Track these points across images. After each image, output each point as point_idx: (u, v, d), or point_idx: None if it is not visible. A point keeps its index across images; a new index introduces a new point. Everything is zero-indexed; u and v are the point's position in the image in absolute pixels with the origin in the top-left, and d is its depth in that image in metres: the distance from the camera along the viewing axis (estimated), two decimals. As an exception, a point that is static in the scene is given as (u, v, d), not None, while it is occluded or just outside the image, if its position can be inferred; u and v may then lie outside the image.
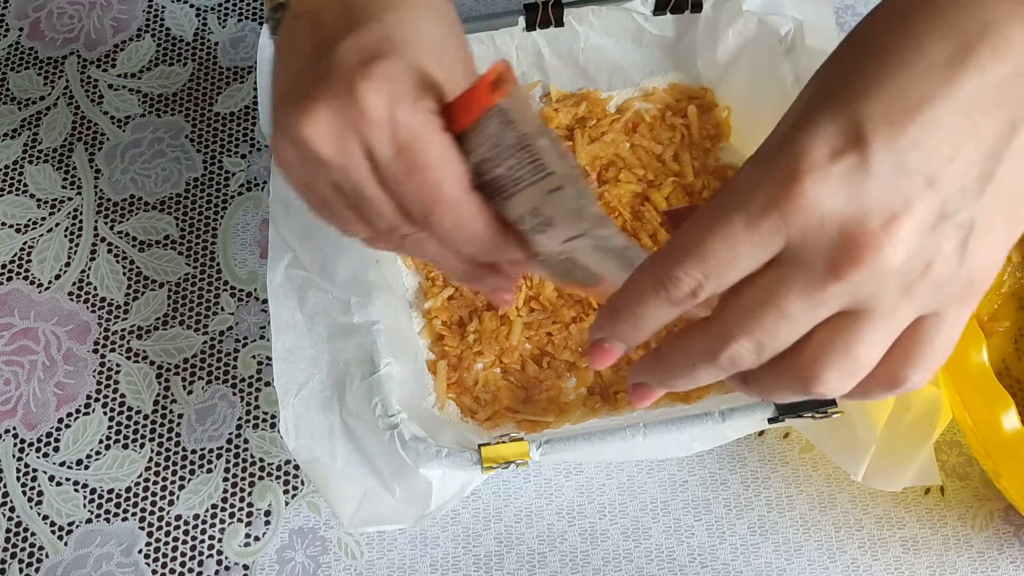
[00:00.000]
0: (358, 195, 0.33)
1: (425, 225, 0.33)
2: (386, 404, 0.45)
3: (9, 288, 0.59)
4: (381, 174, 0.32)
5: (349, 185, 0.33)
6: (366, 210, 0.34)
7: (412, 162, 0.31)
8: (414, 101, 0.31)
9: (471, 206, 0.33)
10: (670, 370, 0.31)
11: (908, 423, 0.46)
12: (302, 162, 0.33)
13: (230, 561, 0.52)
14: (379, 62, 0.31)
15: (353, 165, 0.32)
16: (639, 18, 0.59)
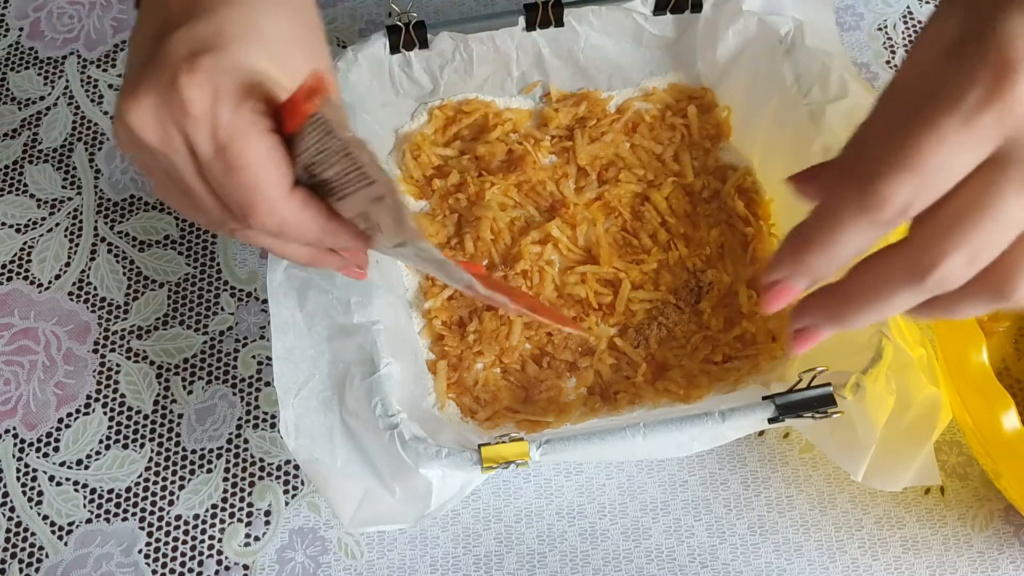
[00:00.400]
0: (185, 187, 0.33)
1: (246, 224, 0.33)
2: (386, 404, 0.45)
3: (9, 288, 0.59)
4: (204, 171, 0.32)
5: (177, 176, 0.33)
6: (193, 202, 0.34)
7: (230, 162, 0.31)
8: (238, 100, 0.31)
9: (290, 207, 0.32)
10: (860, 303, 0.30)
11: (908, 423, 0.46)
12: (134, 145, 0.33)
13: (230, 561, 0.52)
14: (206, 57, 0.31)
15: (176, 157, 0.32)
16: (639, 18, 0.59)
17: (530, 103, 0.62)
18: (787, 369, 0.52)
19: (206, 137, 0.31)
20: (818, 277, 0.30)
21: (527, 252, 0.57)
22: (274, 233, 0.33)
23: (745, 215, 0.58)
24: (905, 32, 0.67)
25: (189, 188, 0.33)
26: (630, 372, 0.54)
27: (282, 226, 0.33)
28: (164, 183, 0.34)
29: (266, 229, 0.33)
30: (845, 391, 0.44)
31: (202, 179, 0.33)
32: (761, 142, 0.58)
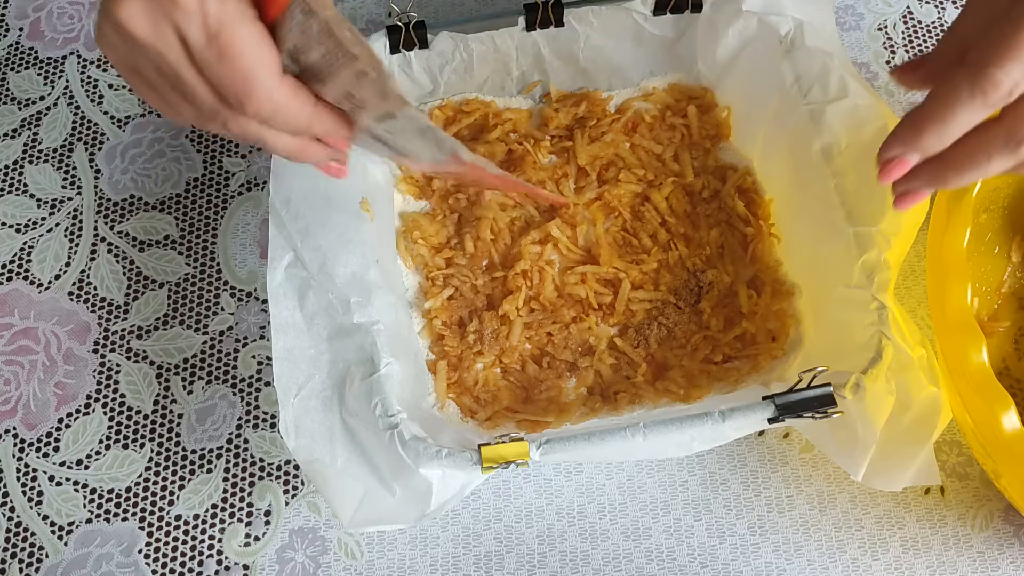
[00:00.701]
0: (176, 80, 0.34)
1: (242, 111, 0.34)
2: (386, 404, 0.45)
3: (9, 288, 0.59)
4: (196, 61, 0.33)
5: (168, 69, 0.34)
6: (185, 95, 0.35)
7: (222, 50, 0.33)
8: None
9: (284, 91, 0.34)
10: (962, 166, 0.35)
11: (908, 423, 0.46)
12: (122, 45, 0.34)
13: (230, 561, 0.52)
14: None
15: (168, 49, 0.33)
16: (639, 18, 0.59)
17: (530, 103, 0.62)
18: (787, 369, 0.52)
19: (197, 27, 0.32)
20: (929, 152, 0.36)
21: (527, 252, 0.57)
22: (266, 119, 0.35)
23: (745, 215, 0.58)
24: (905, 32, 0.67)
25: (181, 80, 0.34)
26: (630, 372, 0.54)
27: (275, 111, 0.34)
28: (153, 80, 0.35)
29: (260, 115, 0.34)
30: (845, 391, 0.44)
31: (195, 69, 0.34)
32: (761, 142, 0.58)
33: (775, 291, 0.55)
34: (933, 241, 0.48)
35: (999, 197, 0.56)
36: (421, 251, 0.57)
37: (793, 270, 0.56)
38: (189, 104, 0.35)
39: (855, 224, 0.50)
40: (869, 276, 0.48)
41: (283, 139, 0.37)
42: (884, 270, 0.48)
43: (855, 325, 0.48)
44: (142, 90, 0.36)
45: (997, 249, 0.57)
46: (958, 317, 0.45)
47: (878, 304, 0.47)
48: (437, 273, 0.57)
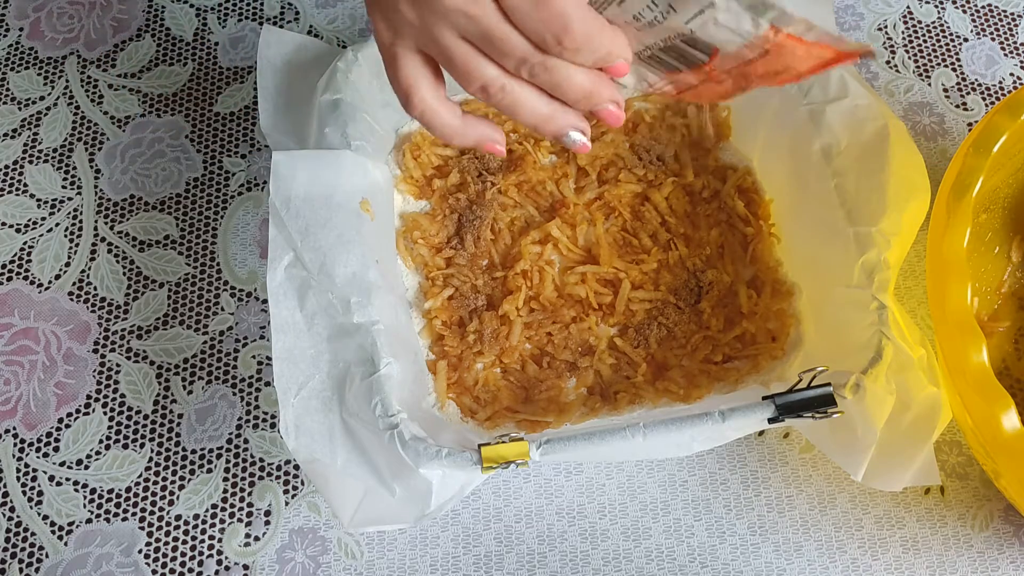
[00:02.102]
0: (487, 36, 0.36)
1: (558, 50, 0.36)
2: (386, 404, 0.45)
3: (9, 288, 0.59)
4: (509, 12, 0.35)
5: (477, 29, 0.35)
6: (495, 49, 0.36)
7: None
8: None
9: (593, 19, 0.36)
10: None
11: (908, 423, 0.46)
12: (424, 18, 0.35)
13: (230, 561, 0.52)
14: None
15: (481, 9, 0.35)
16: (639, 18, 0.59)
17: (530, 103, 0.62)
18: (787, 369, 0.52)
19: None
20: None
21: (527, 252, 0.57)
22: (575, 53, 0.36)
23: (745, 215, 0.58)
24: (905, 32, 0.67)
25: (492, 36, 0.35)
26: (630, 372, 0.54)
27: (589, 40, 0.36)
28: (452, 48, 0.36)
29: (574, 47, 0.35)
30: (845, 391, 0.44)
31: (507, 21, 0.35)
32: (761, 142, 0.58)
33: (775, 291, 0.55)
34: (933, 241, 0.48)
35: (999, 197, 0.56)
36: (421, 251, 0.57)
37: (793, 270, 0.56)
38: (491, 61, 0.37)
39: (855, 224, 0.50)
40: (869, 276, 0.48)
41: (581, 75, 0.38)
42: (884, 270, 0.48)
43: (855, 325, 0.48)
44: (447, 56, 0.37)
45: (997, 249, 0.57)
46: (958, 317, 0.45)
47: (878, 304, 0.47)
48: (437, 273, 0.57)
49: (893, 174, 0.50)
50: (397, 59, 0.38)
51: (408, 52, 0.38)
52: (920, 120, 0.64)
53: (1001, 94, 0.65)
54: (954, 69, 0.65)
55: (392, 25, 0.37)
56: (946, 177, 0.50)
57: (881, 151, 0.51)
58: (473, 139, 0.41)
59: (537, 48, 0.36)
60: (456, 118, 0.40)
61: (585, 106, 0.39)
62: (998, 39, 0.67)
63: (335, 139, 0.54)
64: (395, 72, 0.39)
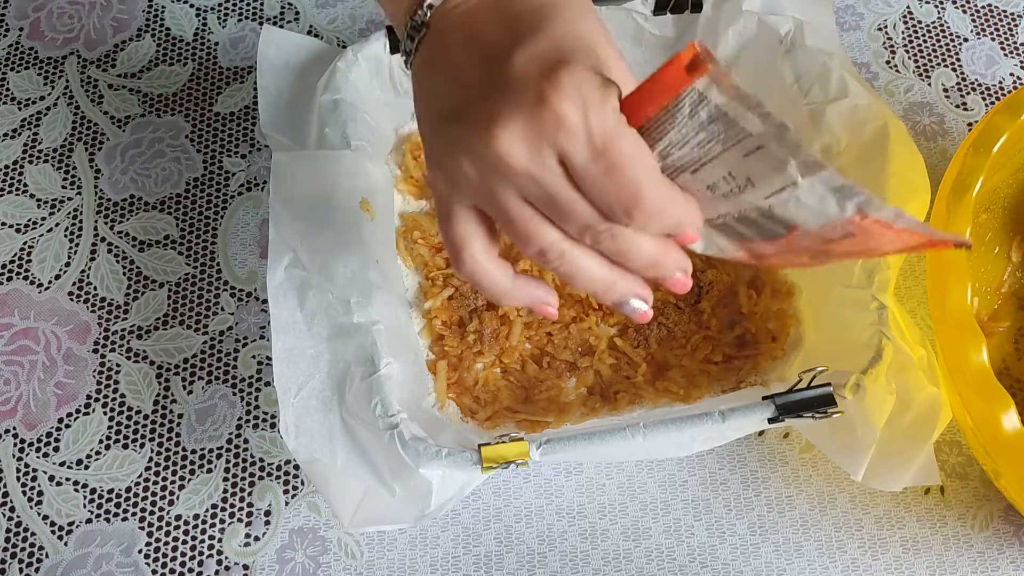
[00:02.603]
0: (551, 201, 0.33)
1: (628, 220, 0.33)
2: (386, 404, 0.45)
3: (9, 288, 0.59)
4: (578, 178, 0.33)
5: (541, 193, 0.33)
6: (559, 215, 0.34)
7: (610, 164, 0.32)
8: (602, 103, 0.32)
9: (666, 190, 0.33)
10: None
11: (908, 423, 0.46)
12: (484, 176, 0.33)
13: (230, 561, 0.52)
14: (563, 70, 0.31)
15: (546, 173, 0.32)
16: (639, 18, 0.59)
17: (530, 103, 0.62)
18: (787, 369, 0.52)
19: (583, 146, 0.32)
20: None
21: (527, 252, 0.57)
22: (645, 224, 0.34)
23: (745, 215, 0.57)
24: (905, 32, 0.67)
25: (556, 202, 0.33)
26: (630, 372, 0.54)
27: (660, 212, 0.33)
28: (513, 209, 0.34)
29: (646, 216, 0.33)
30: (845, 391, 0.44)
31: (574, 188, 0.33)
32: (761, 142, 0.58)
33: (775, 291, 0.55)
34: (933, 241, 0.48)
35: (999, 197, 0.56)
36: (421, 251, 0.57)
37: (793, 270, 0.56)
38: (553, 226, 0.35)
39: (855, 224, 0.50)
40: (869, 276, 0.48)
41: (647, 244, 0.35)
42: (884, 270, 0.48)
43: (855, 325, 0.48)
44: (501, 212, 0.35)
45: (997, 249, 0.57)
46: (958, 317, 0.45)
47: (878, 304, 0.47)
48: (437, 273, 0.57)
49: (893, 174, 0.50)
50: (452, 215, 0.36)
51: (464, 209, 0.36)
52: (920, 120, 0.64)
53: (1001, 94, 0.65)
54: (954, 69, 0.65)
55: (450, 179, 0.35)
56: (946, 177, 0.50)
57: (881, 151, 0.50)
58: (524, 301, 0.39)
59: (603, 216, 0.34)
60: (507, 278, 0.38)
61: (650, 274, 0.37)
62: (998, 39, 0.67)
63: (335, 139, 0.54)
64: (448, 228, 0.37)
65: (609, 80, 0.32)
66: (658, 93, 0.31)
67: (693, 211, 0.35)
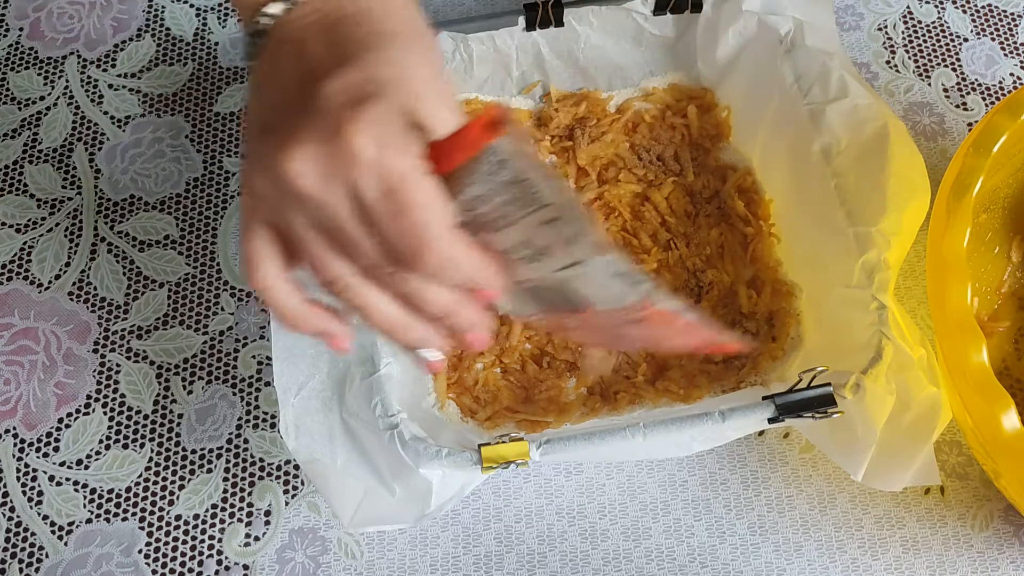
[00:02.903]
0: (339, 234, 0.33)
1: (412, 267, 0.33)
2: (386, 404, 0.45)
3: (9, 288, 0.59)
4: (366, 214, 0.32)
5: (330, 223, 0.32)
6: (346, 248, 0.33)
7: (399, 206, 0.31)
8: (402, 145, 0.31)
9: (458, 243, 0.32)
10: None
11: (908, 423, 0.46)
12: (278, 196, 0.33)
13: (230, 561, 0.52)
14: (368, 105, 0.31)
15: (336, 204, 0.32)
16: (639, 18, 0.59)
17: (530, 103, 0.62)
18: (787, 369, 0.52)
19: (374, 184, 0.31)
20: None
21: (527, 252, 0.57)
22: (434, 273, 0.33)
23: (745, 215, 0.58)
24: (905, 32, 0.67)
25: (346, 235, 0.33)
26: (630, 372, 0.54)
27: (450, 264, 0.32)
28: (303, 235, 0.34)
29: (432, 267, 0.32)
30: (845, 391, 0.44)
31: (363, 224, 0.32)
32: (761, 142, 0.58)
33: (775, 291, 0.55)
34: (933, 241, 0.48)
35: (999, 197, 0.56)
36: (421, 251, 0.57)
37: (793, 270, 0.56)
38: (343, 259, 0.34)
39: (855, 224, 0.50)
40: (869, 276, 0.48)
41: (441, 295, 0.35)
42: (884, 270, 0.48)
43: (855, 325, 0.48)
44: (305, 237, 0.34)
45: (997, 249, 0.57)
46: (958, 317, 0.45)
47: (878, 304, 0.47)
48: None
49: (893, 174, 0.50)
50: (249, 230, 0.35)
51: (261, 226, 0.35)
52: (920, 120, 0.64)
53: (1001, 94, 0.65)
54: (954, 69, 0.65)
55: (253, 193, 0.34)
56: (946, 177, 0.50)
57: (881, 151, 0.50)
58: (314, 329, 0.37)
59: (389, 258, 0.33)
60: (300, 304, 0.36)
61: (444, 326, 0.36)
62: (998, 39, 0.67)
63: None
64: (244, 242, 0.35)
65: (417, 123, 0.32)
66: (461, 145, 0.31)
67: (488, 270, 0.34)
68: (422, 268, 0.32)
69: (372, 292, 0.35)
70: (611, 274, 0.35)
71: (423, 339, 0.36)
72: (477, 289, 0.35)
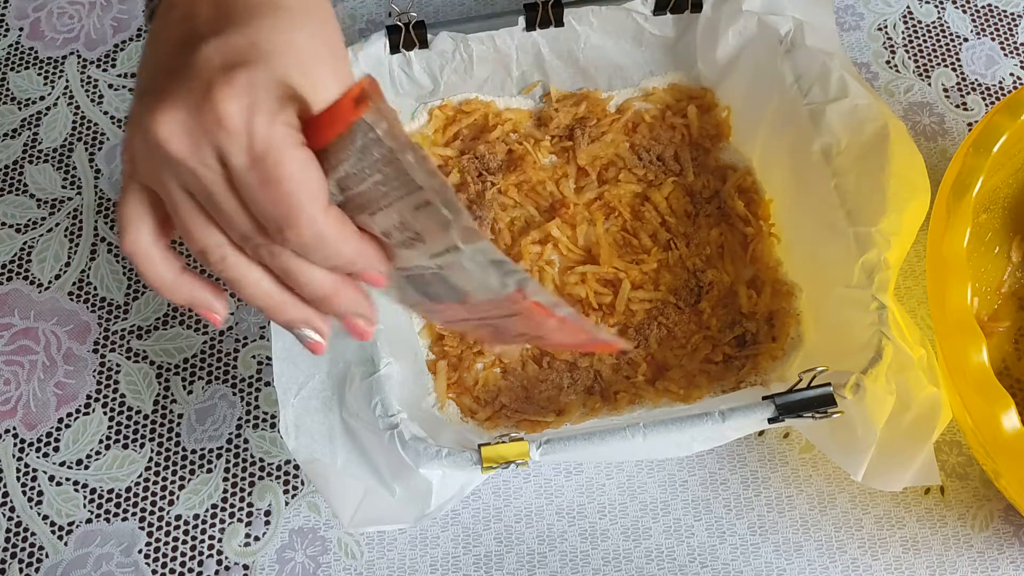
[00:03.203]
0: (209, 201, 0.32)
1: (281, 239, 0.32)
2: (386, 404, 0.45)
3: (9, 288, 0.59)
4: (235, 183, 0.31)
5: (200, 189, 0.32)
6: (218, 217, 0.33)
7: (267, 175, 0.30)
8: (273, 113, 0.30)
9: (330, 221, 0.32)
10: None
11: (908, 423, 0.46)
12: (151, 158, 0.32)
13: (230, 561, 0.52)
14: (241, 70, 0.30)
15: (205, 169, 0.31)
16: (639, 18, 0.59)
17: (530, 103, 0.62)
18: (787, 369, 0.52)
19: (241, 150, 0.30)
20: None
21: (527, 252, 0.57)
22: (304, 250, 0.32)
23: (745, 215, 0.58)
24: (905, 32, 0.67)
25: (216, 202, 0.32)
26: (630, 372, 0.54)
27: (317, 242, 0.32)
28: (178, 200, 0.33)
29: (299, 245, 0.32)
30: (845, 391, 0.44)
31: (232, 192, 0.32)
32: (761, 142, 0.58)
33: (775, 291, 0.55)
34: (933, 241, 0.48)
35: (999, 197, 0.56)
36: (421, 251, 0.57)
37: (793, 270, 0.56)
38: (216, 227, 0.33)
39: (855, 224, 0.50)
40: (869, 276, 0.48)
41: (316, 274, 0.34)
42: (884, 270, 0.48)
43: (855, 325, 0.48)
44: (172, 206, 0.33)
45: (997, 249, 0.57)
46: (958, 317, 0.45)
47: (878, 304, 0.47)
48: (437, 273, 0.56)
49: (893, 174, 0.50)
50: (125, 192, 0.34)
51: (137, 189, 0.34)
52: (920, 120, 0.64)
53: (1001, 94, 0.65)
54: (954, 69, 0.65)
55: (130, 155, 0.33)
56: (946, 177, 0.50)
57: (881, 151, 0.51)
58: (185, 299, 0.36)
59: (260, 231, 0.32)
60: (171, 272, 0.35)
61: (323, 309, 0.35)
62: (998, 39, 0.67)
63: (335, 139, 0.54)
64: (120, 205, 0.35)
65: (296, 95, 0.31)
66: (334, 119, 0.30)
67: (368, 252, 0.34)
68: (292, 242, 0.32)
69: (246, 265, 0.34)
70: (485, 262, 0.34)
71: (301, 319, 0.36)
72: (359, 273, 0.34)
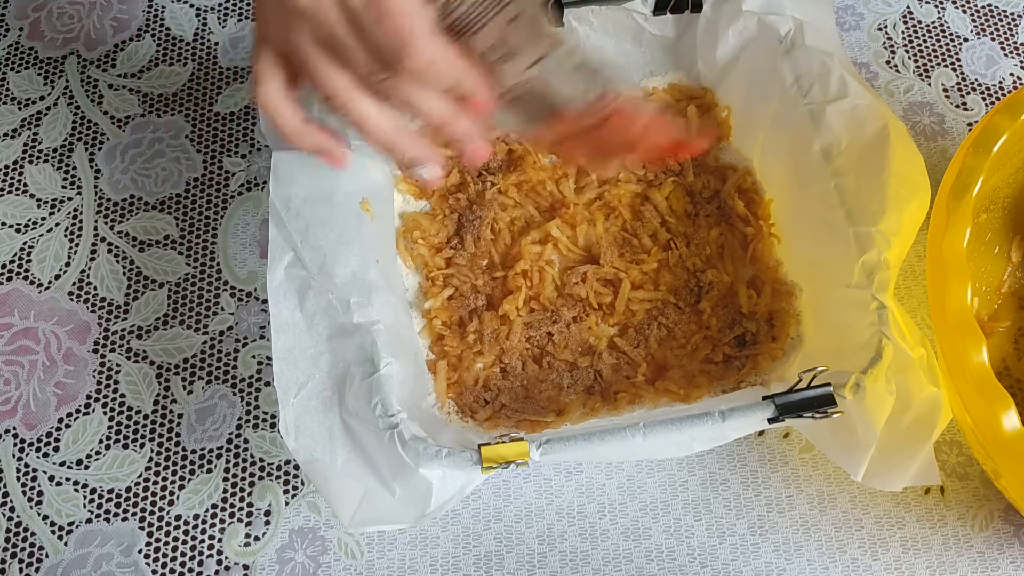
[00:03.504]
0: (334, 43, 0.36)
1: (399, 68, 0.36)
2: (386, 404, 0.45)
3: (9, 288, 0.59)
4: (354, 22, 0.35)
5: (326, 34, 0.36)
6: (341, 57, 0.36)
7: (381, 11, 0.34)
8: None
9: (439, 45, 0.35)
10: None
11: (908, 423, 0.46)
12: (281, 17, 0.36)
13: (230, 561, 0.52)
14: None
15: (327, 15, 0.35)
16: (639, 18, 0.59)
17: (530, 103, 0.62)
18: (787, 369, 0.52)
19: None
20: None
21: (527, 252, 0.57)
22: (420, 76, 0.36)
23: (745, 215, 0.58)
24: (905, 32, 0.67)
25: (340, 43, 0.36)
26: (630, 372, 0.54)
27: (431, 65, 0.36)
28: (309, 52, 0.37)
29: (415, 71, 0.35)
30: (845, 391, 0.44)
31: (353, 32, 0.35)
32: (761, 142, 0.58)
33: (775, 291, 0.55)
34: (933, 241, 0.48)
35: (999, 197, 0.56)
36: (421, 251, 0.57)
37: (793, 270, 0.56)
38: (344, 68, 0.37)
39: (855, 224, 0.50)
40: (869, 276, 0.48)
41: (433, 101, 0.37)
42: (884, 270, 0.48)
43: (855, 325, 0.48)
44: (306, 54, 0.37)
45: (997, 249, 0.57)
46: (958, 317, 0.45)
47: (878, 304, 0.47)
48: (437, 273, 0.57)
49: (893, 174, 0.50)
50: (258, 54, 0.39)
51: (267, 50, 0.39)
52: (920, 120, 0.64)
53: (1001, 94, 0.65)
54: (954, 69, 0.65)
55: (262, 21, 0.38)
56: (946, 177, 0.50)
57: (881, 151, 0.51)
58: (310, 143, 0.41)
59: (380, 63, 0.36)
60: (297, 119, 0.40)
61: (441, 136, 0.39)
62: (998, 39, 0.67)
63: (335, 139, 0.54)
64: (254, 65, 0.39)
65: None
66: None
67: (471, 75, 0.37)
68: (408, 68, 0.36)
69: (369, 103, 0.38)
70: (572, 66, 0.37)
71: (422, 153, 0.40)
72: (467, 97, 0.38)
